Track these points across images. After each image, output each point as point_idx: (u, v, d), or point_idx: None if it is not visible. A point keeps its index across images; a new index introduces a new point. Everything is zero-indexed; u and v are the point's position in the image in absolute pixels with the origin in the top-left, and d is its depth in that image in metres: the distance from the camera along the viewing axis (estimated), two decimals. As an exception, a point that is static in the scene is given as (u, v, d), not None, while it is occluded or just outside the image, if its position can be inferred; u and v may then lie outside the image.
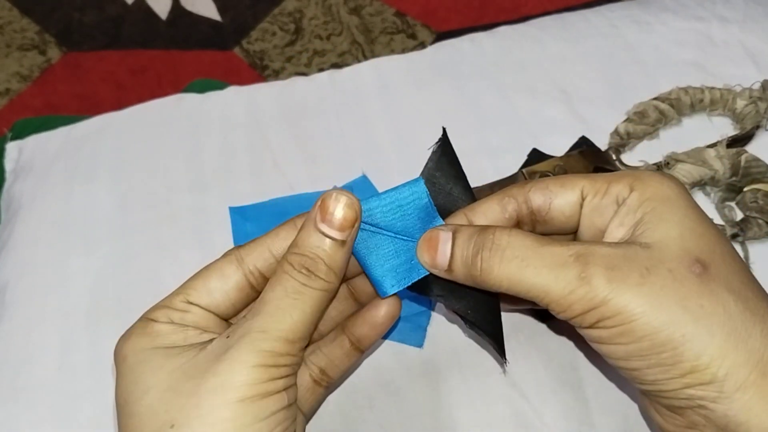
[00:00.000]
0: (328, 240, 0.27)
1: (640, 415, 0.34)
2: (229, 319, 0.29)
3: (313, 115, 0.48)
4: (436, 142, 0.31)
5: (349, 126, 0.48)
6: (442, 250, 0.28)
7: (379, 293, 0.30)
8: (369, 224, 0.29)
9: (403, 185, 0.30)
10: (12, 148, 0.50)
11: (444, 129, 0.31)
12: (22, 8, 1.12)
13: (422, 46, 1.03)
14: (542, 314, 0.37)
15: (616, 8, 0.53)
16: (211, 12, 1.11)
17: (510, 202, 0.30)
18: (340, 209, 0.27)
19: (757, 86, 0.44)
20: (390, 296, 0.30)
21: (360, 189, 0.44)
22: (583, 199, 0.29)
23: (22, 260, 0.43)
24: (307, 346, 0.29)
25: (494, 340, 0.31)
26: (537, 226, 0.30)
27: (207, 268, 0.29)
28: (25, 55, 1.07)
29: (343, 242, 0.27)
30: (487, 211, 0.30)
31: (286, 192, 0.44)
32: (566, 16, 0.53)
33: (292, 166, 0.46)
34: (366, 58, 1.03)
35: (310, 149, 0.47)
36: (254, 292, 0.29)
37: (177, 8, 1.11)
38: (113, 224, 0.44)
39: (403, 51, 0.74)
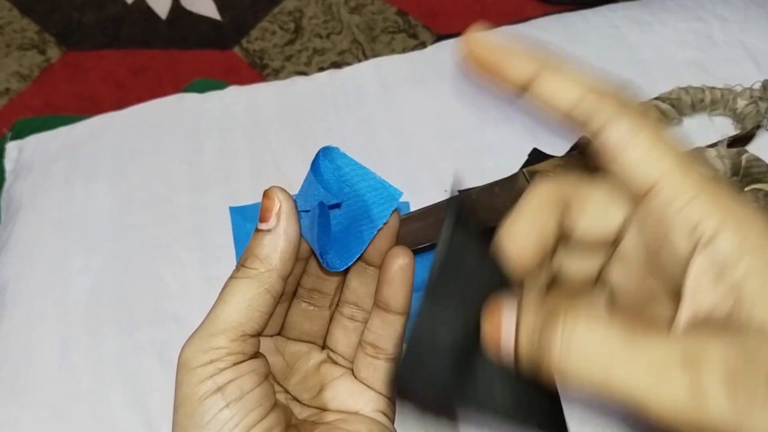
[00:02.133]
0: (260, 234, 0.27)
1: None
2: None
3: (313, 115, 0.48)
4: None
5: (349, 126, 0.48)
6: (506, 337, 0.22)
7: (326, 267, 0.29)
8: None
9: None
10: (12, 147, 0.50)
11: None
12: (22, 8, 1.12)
13: (423, 45, 1.03)
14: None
15: (616, 9, 0.53)
16: (211, 11, 1.11)
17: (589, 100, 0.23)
18: (263, 202, 0.27)
19: (757, 86, 0.44)
20: (399, 249, 0.29)
21: (360, 189, 0.44)
22: (656, 188, 0.21)
23: (22, 260, 0.43)
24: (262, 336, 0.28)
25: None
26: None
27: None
28: (25, 55, 1.07)
29: (269, 231, 0.27)
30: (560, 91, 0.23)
31: (286, 192, 0.44)
32: (567, 16, 0.53)
33: (292, 166, 0.46)
34: (366, 57, 1.04)
35: (310, 149, 0.46)
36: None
37: (177, 8, 1.11)
38: (113, 224, 0.44)
39: (404, 51, 0.74)
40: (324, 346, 0.32)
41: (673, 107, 0.44)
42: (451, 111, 0.47)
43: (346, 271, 0.31)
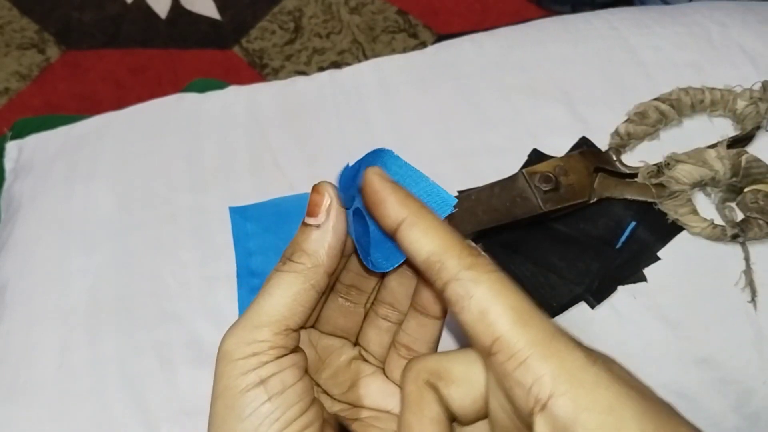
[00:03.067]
0: (308, 228, 0.27)
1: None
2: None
3: (313, 115, 0.48)
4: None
5: (349, 126, 0.48)
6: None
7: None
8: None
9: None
10: (12, 147, 0.50)
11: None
12: (22, 7, 1.12)
13: (424, 45, 1.03)
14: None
15: (616, 11, 0.53)
16: (211, 11, 1.11)
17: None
18: (312, 197, 0.28)
19: (757, 87, 0.44)
20: None
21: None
22: (492, 353, 0.22)
23: (22, 260, 0.43)
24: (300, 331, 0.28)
25: None
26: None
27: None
28: (24, 54, 1.06)
29: (317, 227, 0.27)
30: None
31: (286, 192, 0.44)
32: (567, 17, 0.53)
33: (292, 166, 0.46)
34: (366, 56, 1.04)
35: (310, 149, 0.47)
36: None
37: (176, 7, 1.11)
38: (113, 224, 0.44)
39: (404, 50, 0.74)
40: (356, 343, 0.32)
41: (672, 108, 0.44)
42: (451, 111, 0.47)
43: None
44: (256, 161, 0.46)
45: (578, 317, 0.38)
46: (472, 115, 0.47)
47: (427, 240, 0.24)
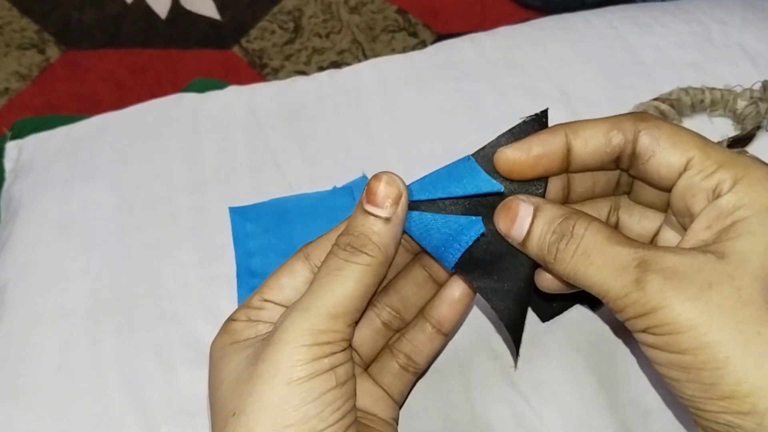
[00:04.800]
0: (372, 218, 0.27)
1: (639, 417, 0.34)
2: None
3: (313, 115, 0.48)
4: (531, 117, 0.30)
5: (349, 126, 0.48)
6: (519, 224, 0.28)
7: (447, 269, 0.30)
8: (421, 202, 0.29)
9: (453, 163, 0.30)
10: (12, 147, 0.50)
11: (546, 111, 0.30)
12: (22, 7, 1.12)
13: (423, 44, 1.03)
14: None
15: (616, 10, 0.53)
16: (211, 11, 1.11)
17: (616, 136, 0.28)
18: (381, 187, 0.27)
19: (757, 86, 0.44)
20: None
21: (360, 189, 0.44)
22: (685, 170, 0.27)
23: (22, 260, 0.43)
24: (356, 323, 0.28)
25: (513, 333, 0.30)
26: (632, 170, 0.29)
27: (280, 266, 0.30)
28: (24, 54, 1.07)
29: (387, 219, 0.27)
30: (590, 139, 0.28)
31: (286, 192, 0.44)
32: (567, 17, 0.53)
33: (292, 166, 0.46)
34: (366, 56, 1.04)
35: (310, 149, 0.47)
36: None
37: (176, 7, 1.11)
38: (113, 224, 0.44)
39: (404, 49, 0.74)
40: None
41: (672, 108, 0.44)
42: (451, 111, 0.47)
43: (399, 276, 0.31)
44: (255, 161, 0.46)
45: (578, 317, 0.38)
46: (472, 114, 0.47)
47: (596, 130, 0.28)
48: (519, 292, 0.30)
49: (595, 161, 0.29)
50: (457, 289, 0.31)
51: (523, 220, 0.28)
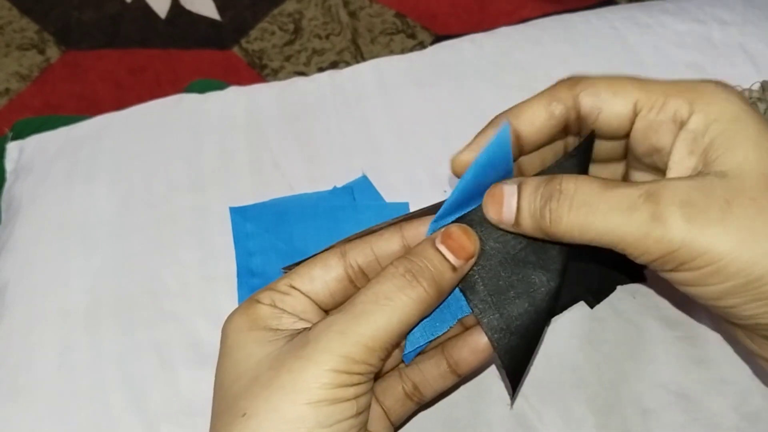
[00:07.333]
0: (441, 257, 0.27)
1: (639, 416, 0.34)
2: (327, 309, 0.29)
3: (313, 115, 0.48)
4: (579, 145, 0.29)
5: (349, 126, 0.48)
6: (507, 204, 0.27)
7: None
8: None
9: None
10: (12, 148, 0.50)
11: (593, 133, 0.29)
12: (22, 7, 1.12)
13: (422, 45, 1.03)
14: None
15: (616, 10, 0.53)
16: (211, 11, 1.11)
17: (557, 107, 0.28)
18: (463, 238, 0.27)
19: (756, 86, 0.44)
20: None
21: (360, 189, 0.44)
22: (636, 114, 0.27)
23: (22, 260, 0.43)
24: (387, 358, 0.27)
25: (511, 375, 0.29)
26: (583, 132, 0.28)
27: (314, 256, 0.29)
28: (24, 55, 1.07)
29: (455, 268, 0.27)
30: (533, 118, 0.28)
31: (286, 192, 0.44)
32: (566, 17, 0.53)
33: (292, 166, 0.46)
34: (365, 57, 1.04)
35: (310, 149, 0.47)
36: (353, 287, 0.29)
37: (176, 7, 1.11)
38: (113, 224, 0.44)
39: (403, 51, 0.74)
40: None
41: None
42: (451, 111, 0.48)
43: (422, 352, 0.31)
44: (255, 161, 0.46)
45: (578, 317, 0.38)
46: (472, 115, 0.47)
47: (530, 105, 0.29)
48: (526, 337, 0.29)
49: (544, 137, 0.28)
50: (483, 337, 0.30)
51: (509, 200, 0.27)
